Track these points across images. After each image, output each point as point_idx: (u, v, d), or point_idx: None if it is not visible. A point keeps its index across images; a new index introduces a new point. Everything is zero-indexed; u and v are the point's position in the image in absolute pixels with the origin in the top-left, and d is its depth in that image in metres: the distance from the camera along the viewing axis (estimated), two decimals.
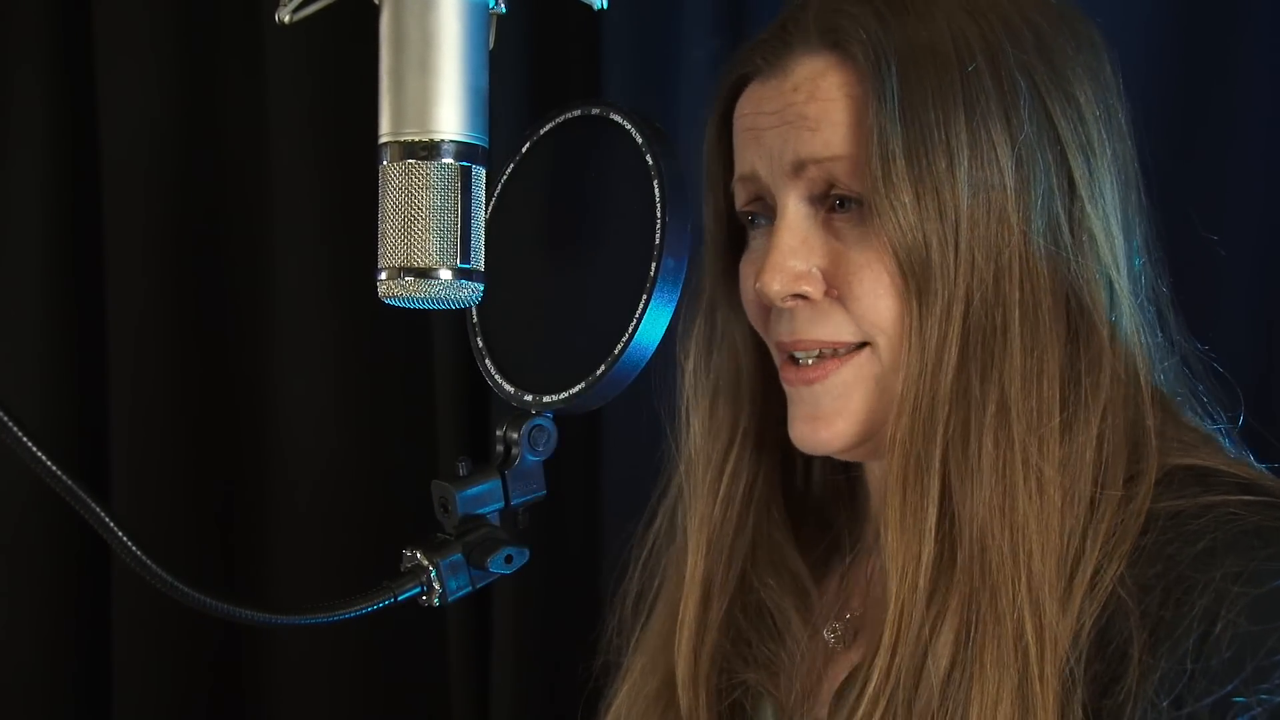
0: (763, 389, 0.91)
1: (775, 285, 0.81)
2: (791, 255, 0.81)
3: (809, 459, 0.95)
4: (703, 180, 0.90)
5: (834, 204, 0.81)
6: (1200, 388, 0.86)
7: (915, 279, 0.77)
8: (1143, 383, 0.79)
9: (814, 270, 0.81)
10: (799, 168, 0.80)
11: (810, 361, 0.83)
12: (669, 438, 0.96)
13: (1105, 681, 0.72)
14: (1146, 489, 0.75)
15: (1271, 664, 0.67)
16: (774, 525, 0.94)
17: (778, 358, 0.86)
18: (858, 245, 0.79)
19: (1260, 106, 1.21)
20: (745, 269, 0.88)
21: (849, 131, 0.78)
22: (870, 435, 0.82)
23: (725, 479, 0.92)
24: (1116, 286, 0.80)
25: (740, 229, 0.89)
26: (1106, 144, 0.80)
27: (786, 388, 0.85)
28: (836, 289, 0.80)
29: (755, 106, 0.84)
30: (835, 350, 0.82)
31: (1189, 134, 1.21)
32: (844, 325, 0.81)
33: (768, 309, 0.85)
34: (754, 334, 0.89)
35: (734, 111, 0.86)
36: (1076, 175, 0.78)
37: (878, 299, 0.79)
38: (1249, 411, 0.87)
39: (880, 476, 0.85)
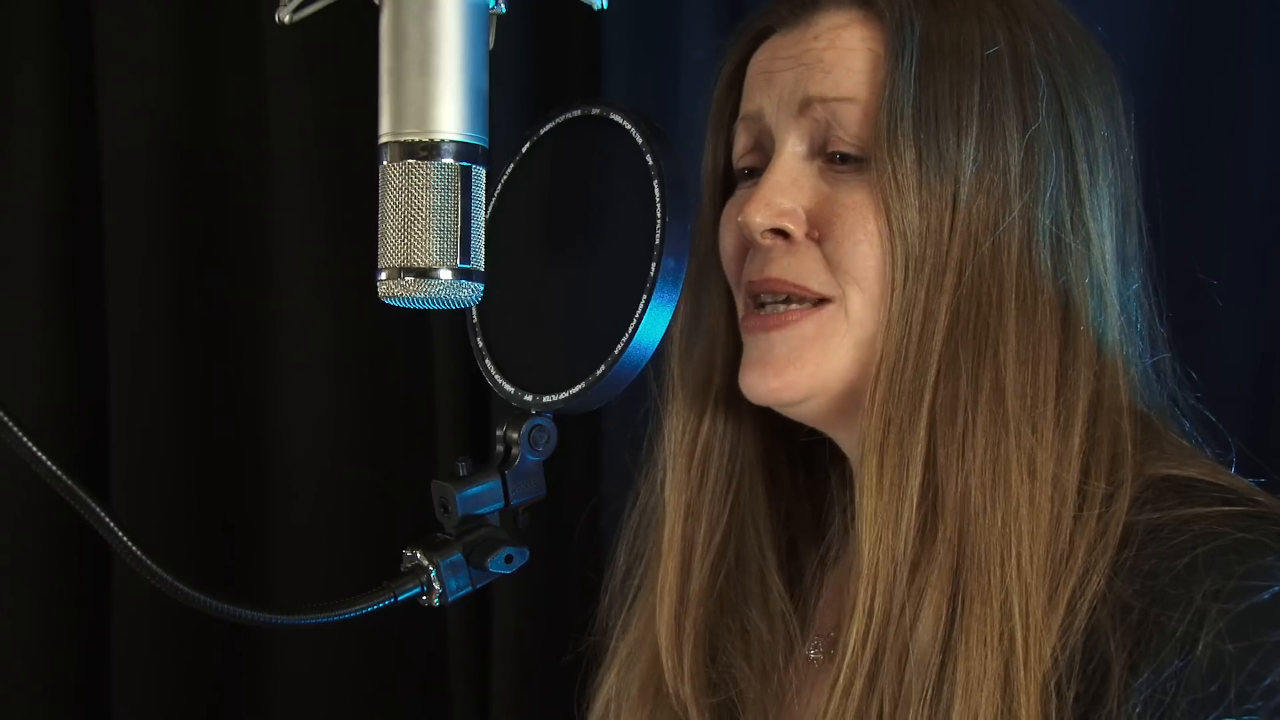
0: (734, 354, 0.88)
1: (758, 217, 0.80)
2: (780, 192, 0.80)
3: (793, 431, 0.91)
4: (706, 129, 0.90)
5: (832, 158, 0.81)
6: (1189, 426, 0.85)
7: (903, 239, 0.76)
8: (1123, 396, 0.79)
9: (799, 210, 0.80)
10: (805, 105, 0.80)
11: (780, 309, 0.81)
12: (655, 403, 0.95)
13: (1087, 703, 0.71)
14: (1124, 499, 0.74)
15: (1255, 687, 0.67)
16: (756, 502, 0.92)
17: (743, 307, 0.85)
18: (849, 193, 0.79)
19: (1259, 110, 1.21)
20: (728, 212, 0.87)
21: (863, 79, 0.79)
22: (827, 397, 0.81)
23: (701, 441, 0.91)
24: (1106, 297, 0.79)
25: (733, 188, 0.88)
26: (1110, 167, 0.80)
27: (744, 336, 0.84)
28: (819, 230, 0.80)
29: (773, 53, 0.84)
30: (802, 299, 0.80)
31: (1188, 134, 1.21)
32: (818, 271, 0.80)
33: (744, 253, 0.84)
34: (729, 297, 0.88)
35: (749, 60, 0.86)
36: (1081, 180, 0.79)
37: (858, 245, 0.78)
38: (1242, 449, 0.86)
39: (856, 445, 0.82)
